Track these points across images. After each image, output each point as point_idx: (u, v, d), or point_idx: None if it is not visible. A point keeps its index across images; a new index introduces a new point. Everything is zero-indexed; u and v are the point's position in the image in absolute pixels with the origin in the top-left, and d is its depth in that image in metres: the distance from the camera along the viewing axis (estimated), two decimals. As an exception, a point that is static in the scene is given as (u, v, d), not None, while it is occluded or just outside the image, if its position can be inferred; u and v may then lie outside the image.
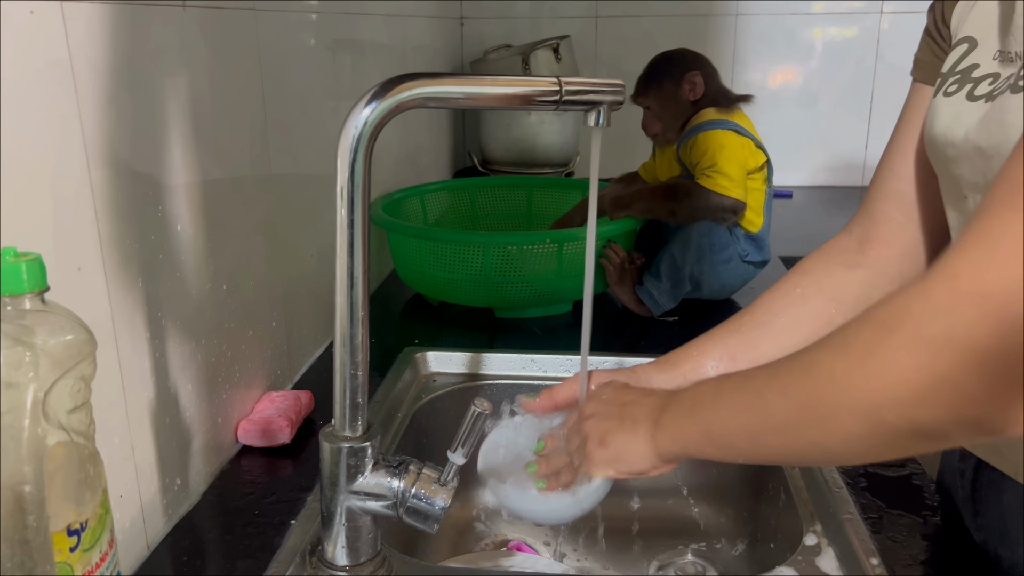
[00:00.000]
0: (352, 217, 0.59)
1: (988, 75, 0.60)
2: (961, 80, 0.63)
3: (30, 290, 0.47)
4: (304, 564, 0.69)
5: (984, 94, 0.60)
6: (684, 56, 1.35)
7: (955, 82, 0.63)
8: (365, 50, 1.33)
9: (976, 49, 0.62)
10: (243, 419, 0.89)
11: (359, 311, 0.61)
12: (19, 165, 0.55)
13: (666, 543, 0.98)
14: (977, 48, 0.62)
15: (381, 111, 0.58)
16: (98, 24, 0.63)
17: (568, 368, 1.08)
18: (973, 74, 0.62)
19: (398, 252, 1.32)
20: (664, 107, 1.33)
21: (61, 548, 0.48)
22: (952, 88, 0.63)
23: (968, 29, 0.64)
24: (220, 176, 0.83)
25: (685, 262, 1.25)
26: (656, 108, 1.34)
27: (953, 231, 0.67)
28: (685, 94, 1.31)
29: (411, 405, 1.01)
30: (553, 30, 2.19)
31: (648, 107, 1.35)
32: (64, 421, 0.47)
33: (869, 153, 2.28)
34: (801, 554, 0.72)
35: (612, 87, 0.67)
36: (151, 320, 0.71)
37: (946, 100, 0.63)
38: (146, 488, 0.71)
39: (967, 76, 0.62)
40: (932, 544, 0.72)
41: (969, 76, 0.62)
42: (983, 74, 0.61)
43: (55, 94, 0.58)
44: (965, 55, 0.63)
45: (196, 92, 0.78)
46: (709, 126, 1.26)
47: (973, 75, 0.62)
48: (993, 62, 0.60)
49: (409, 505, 0.64)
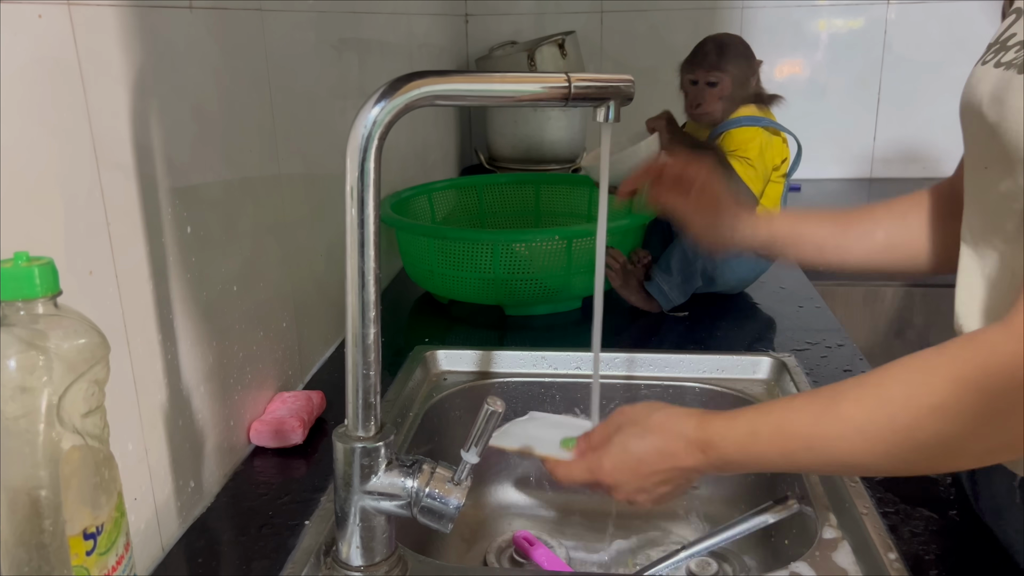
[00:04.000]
0: (362, 216, 0.59)
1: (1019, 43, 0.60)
2: (998, 49, 0.63)
3: (43, 294, 0.47)
4: (319, 565, 0.69)
5: (1007, 61, 0.60)
6: (746, 43, 1.30)
7: (993, 51, 0.64)
8: (371, 49, 1.33)
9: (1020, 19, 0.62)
10: (255, 420, 0.89)
11: (370, 310, 0.61)
12: (29, 169, 0.55)
13: (680, 539, 0.98)
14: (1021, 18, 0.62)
15: (390, 110, 0.57)
16: (105, 27, 0.63)
17: (579, 365, 1.08)
18: (1009, 42, 0.62)
19: (407, 251, 1.31)
20: (737, 87, 1.27)
21: (78, 552, 0.48)
22: (989, 57, 0.64)
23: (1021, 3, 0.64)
24: (229, 177, 0.83)
25: (697, 256, 1.24)
26: (727, 86, 1.26)
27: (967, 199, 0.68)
28: (755, 81, 1.28)
29: (422, 404, 1.01)
30: (558, 26, 2.18)
31: (716, 83, 1.27)
32: (79, 425, 0.47)
33: (877, 145, 2.27)
34: (817, 549, 0.71)
35: (621, 82, 0.67)
36: (162, 322, 0.71)
37: (980, 68, 0.64)
38: (160, 490, 0.71)
39: (1004, 45, 0.62)
40: (950, 538, 0.71)
41: (1005, 45, 0.62)
42: (1016, 42, 0.61)
43: (64, 97, 0.58)
44: (1011, 26, 0.63)
45: (204, 93, 0.78)
46: (745, 122, 1.25)
47: (1009, 43, 0.62)
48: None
49: (423, 504, 0.63)
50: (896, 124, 2.20)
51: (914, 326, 1.58)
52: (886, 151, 2.26)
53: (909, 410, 0.52)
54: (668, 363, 1.07)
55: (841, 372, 1.03)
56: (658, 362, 1.07)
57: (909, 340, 1.58)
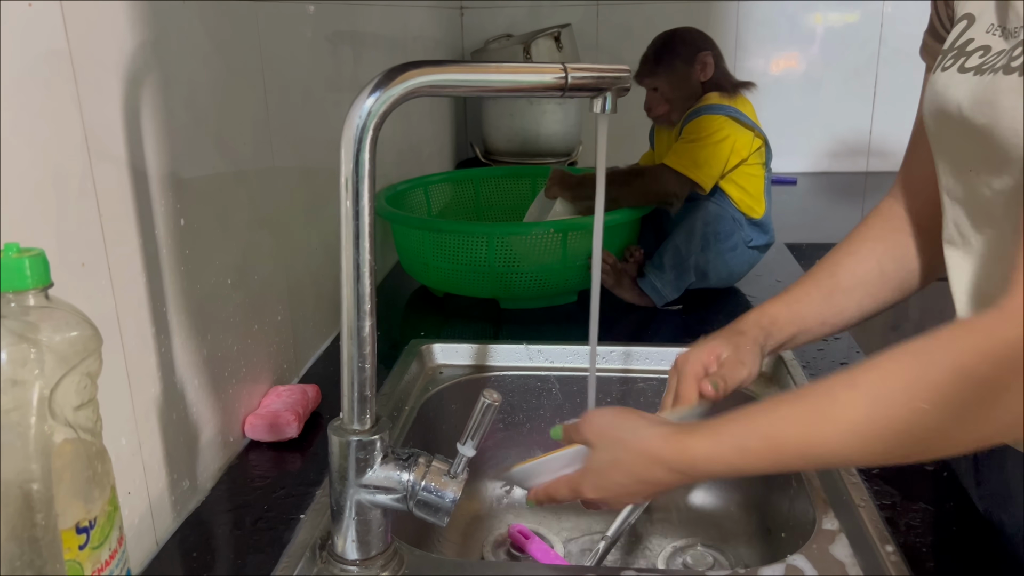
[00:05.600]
0: (357, 208, 0.58)
1: (979, 48, 0.61)
2: (956, 55, 0.64)
3: (34, 286, 0.46)
4: (314, 559, 0.69)
5: (973, 67, 0.61)
6: (692, 35, 1.31)
7: (951, 57, 0.64)
8: (366, 41, 1.32)
9: (974, 24, 0.63)
10: (250, 414, 0.88)
11: (366, 303, 0.60)
12: (20, 159, 0.54)
13: (676, 533, 0.98)
14: (975, 23, 0.63)
15: (385, 100, 0.57)
16: (98, 17, 0.62)
17: (575, 359, 1.08)
18: (967, 48, 0.63)
19: (402, 244, 1.31)
20: (675, 88, 1.28)
21: (70, 546, 0.48)
22: (948, 63, 0.64)
23: (968, 7, 0.65)
24: (223, 169, 0.82)
25: (690, 252, 1.24)
26: (666, 89, 1.29)
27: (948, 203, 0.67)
28: (696, 75, 1.27)
29: (418, 397, 1.01)
30: (554, 18, 2.17)
31: (656, 88, 1.30)
32: (71, 418, 0.47)
33: (873, 139, 2.27)
34: (814, 542, 0.71)
35: (618, 72, 0.67)
36: (156, 315, 0.70)
37: (942, 75, 0.64)
38: (154, 484, 0.70)
39: (962, 50, 0.63)
40: (947, 530, 0.71)
41: (964, 50, 0.63)
42: (975, 47, 0.62)
43: (55, 88, 0.58)
44: (963, 31, 0.64)
45: (197, 85, 0.77)
46: (708, 110, 1.25)
47: (967, 48, 0.63)
48: (987, 35, 0.61)
49: (419, 498, 0.63)
50: (892, 118, 2.20)
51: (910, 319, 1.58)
52: (882, 145, 2.25)
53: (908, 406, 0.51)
54: (664, 356, 1.07)
55: (838, 365, 1.03)
56: (654, 355, 1.07)
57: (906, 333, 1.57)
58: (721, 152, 1.23)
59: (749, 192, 1.27)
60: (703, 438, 0.59)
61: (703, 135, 1.23)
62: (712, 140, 1.23)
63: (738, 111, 1.25)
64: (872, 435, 0.52)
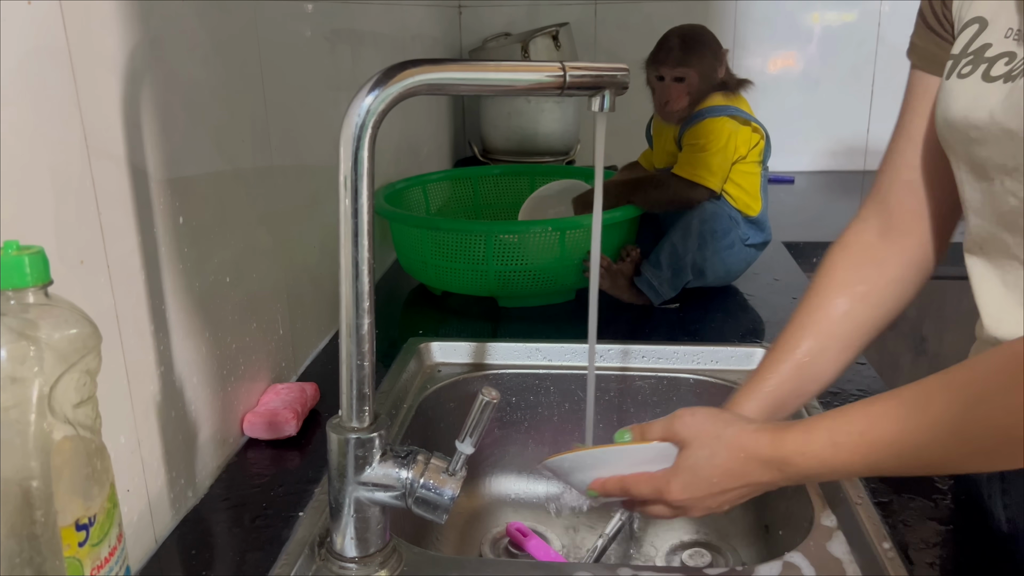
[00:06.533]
0: (356, 206, 0.58)
1: (1003, 54, 0.60)
2: (974, 61, 0.62)
3: (33, 284, 0.46)
4: (313, 556, 0.69)
5: (1002, 74, 0.59)
6: (711, 33, 1.29)
7: (968, 63, 0.63)
8: (364, 39, 1.32)
9: (987, 29, 0.62)
10: (248, 412, 0.88)
11: (364, 301, 0.61)
12: (19, 157, 0.54)
13: (674, 531, 0.98)
14: (988, 28, 0.62)
15: (384, 99, 0.57)
16: (96, 14, 0.62)
17: (573, 357, 1.08)
18: (986, 54, 0.61)
19: (400, 242, 1.31)
20: (703, 80, 1.25)
21: (70, 543, 0.48)
22: (966, 70, 0.63)
23: (976, 10, 0.64)
24: (222, 168, 0.82)
25: (687, 250, 1.24)
26: (694, 81, 1.25)
27: (971, 212, 0.67)
28: (720, 73, 1.26)
29: (417, 395, 1.01)
30: (552, 17, 2.17)
31: (682, 79, 1.25)
32: (70, 415, 0.47)
33: (871, 137, 2.27)
34: (812, 539, 0.72)
35: (616, 71, 0.67)
36: (155, 313, 0.70)
37: (961, 82, 0.63)
38: (153, 482, 0.71)
39: (980, 56, 0.62)
40: (945, 527, 0.71)
41: (982, 56, 0.62)
42: (997, 53, 0.60)
43: (54, 85, 0.58)
44: (976, 36, 0.63)
45: (196, 83, 0.77)
46: (712, 112, 1.25)
47: (986, 55, 0.61)
48: (1007, 40, 0.60)
49: (418, 495, 0.63)
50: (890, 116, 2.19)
51: (907, 317, 1.58)
52: (880, 143, 2.24)
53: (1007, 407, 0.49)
54: (662, 354, 1.07)
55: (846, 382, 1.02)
56: (652, 353, 1.07)
57: (902, 331, 1.59)
58: (728, 156, 1.24)
59: (746, 190, 1.27)
60: (797, 432, 0.59)
61: (712, 145, 1.23)
62: (720, 147, 1.23)
63: (739, 109, 1.25)
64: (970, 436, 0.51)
